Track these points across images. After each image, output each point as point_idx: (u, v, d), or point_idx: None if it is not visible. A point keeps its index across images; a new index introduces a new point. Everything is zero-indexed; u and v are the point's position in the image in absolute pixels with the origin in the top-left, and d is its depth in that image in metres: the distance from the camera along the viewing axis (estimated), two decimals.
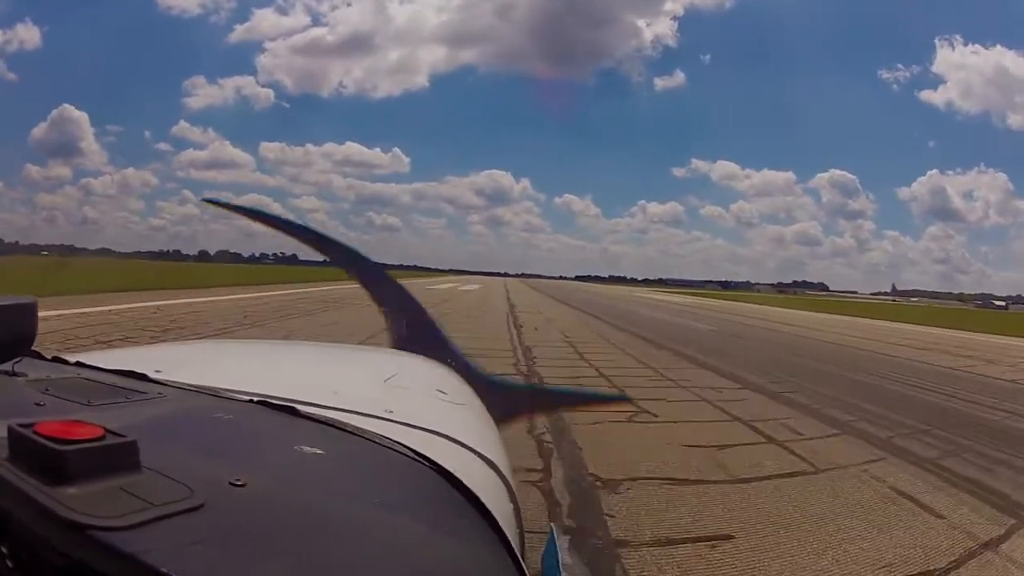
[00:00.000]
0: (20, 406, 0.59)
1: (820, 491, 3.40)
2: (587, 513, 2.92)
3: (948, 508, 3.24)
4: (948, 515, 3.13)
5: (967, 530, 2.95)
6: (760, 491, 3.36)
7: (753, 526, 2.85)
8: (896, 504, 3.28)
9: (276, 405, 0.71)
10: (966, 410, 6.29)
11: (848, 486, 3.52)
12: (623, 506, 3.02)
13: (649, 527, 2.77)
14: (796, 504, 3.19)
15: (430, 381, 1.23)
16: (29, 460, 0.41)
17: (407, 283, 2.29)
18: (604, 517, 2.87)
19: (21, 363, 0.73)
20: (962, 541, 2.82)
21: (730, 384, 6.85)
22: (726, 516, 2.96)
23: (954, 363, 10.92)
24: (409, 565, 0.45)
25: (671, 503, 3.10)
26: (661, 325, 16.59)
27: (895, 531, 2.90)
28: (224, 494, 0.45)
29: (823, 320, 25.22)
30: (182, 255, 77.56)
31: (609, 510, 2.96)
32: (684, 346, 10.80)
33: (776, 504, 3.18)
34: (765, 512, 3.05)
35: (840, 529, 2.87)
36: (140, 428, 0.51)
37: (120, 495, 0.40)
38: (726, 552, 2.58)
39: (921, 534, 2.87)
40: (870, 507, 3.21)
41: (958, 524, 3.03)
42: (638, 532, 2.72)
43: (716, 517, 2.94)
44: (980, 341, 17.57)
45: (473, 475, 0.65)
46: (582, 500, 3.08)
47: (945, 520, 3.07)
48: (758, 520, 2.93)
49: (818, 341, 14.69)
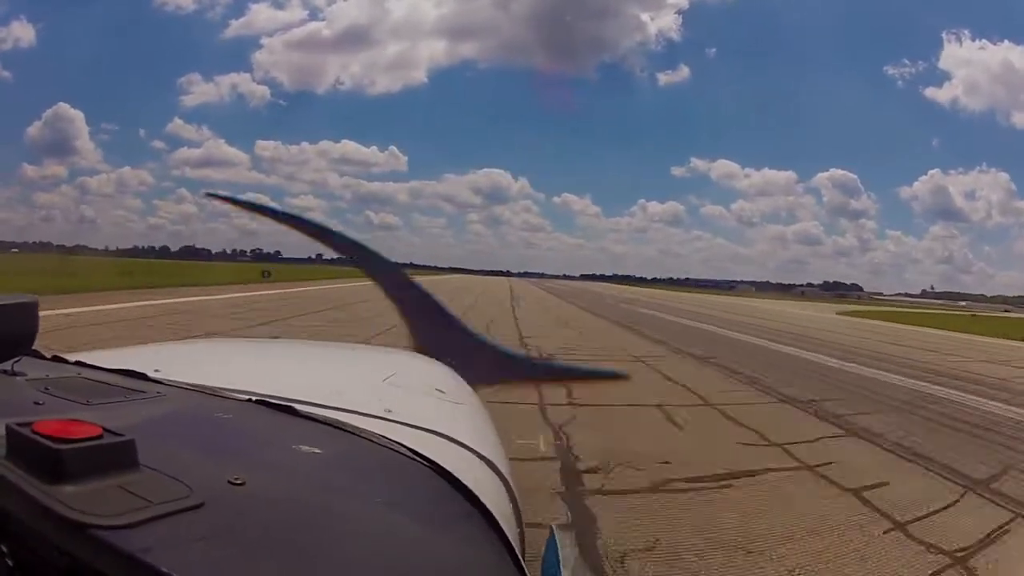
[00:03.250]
0: (19, 405, 0.59)
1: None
2: None
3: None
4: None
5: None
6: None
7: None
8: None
9: (275, 404, 0.71)
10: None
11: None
12: None
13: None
14: None
15: (429, 380, 1.23)
16: (27, 459, 0.41)
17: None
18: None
19: (21, 362, 0.73)
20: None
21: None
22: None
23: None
24: (407, 564, 0.45)
25: None
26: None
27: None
28: (223, 493, 0.45)
29: (962, 342, 17.01)
30: (142, 250, 76.47)
31: None
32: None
33: None
34: None
35: None
36: (139, 427, 0.51)
37: (119, 493, 0.40)
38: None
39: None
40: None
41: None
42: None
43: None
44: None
45: (472, 474, 0.65)
46: None
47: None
48: None
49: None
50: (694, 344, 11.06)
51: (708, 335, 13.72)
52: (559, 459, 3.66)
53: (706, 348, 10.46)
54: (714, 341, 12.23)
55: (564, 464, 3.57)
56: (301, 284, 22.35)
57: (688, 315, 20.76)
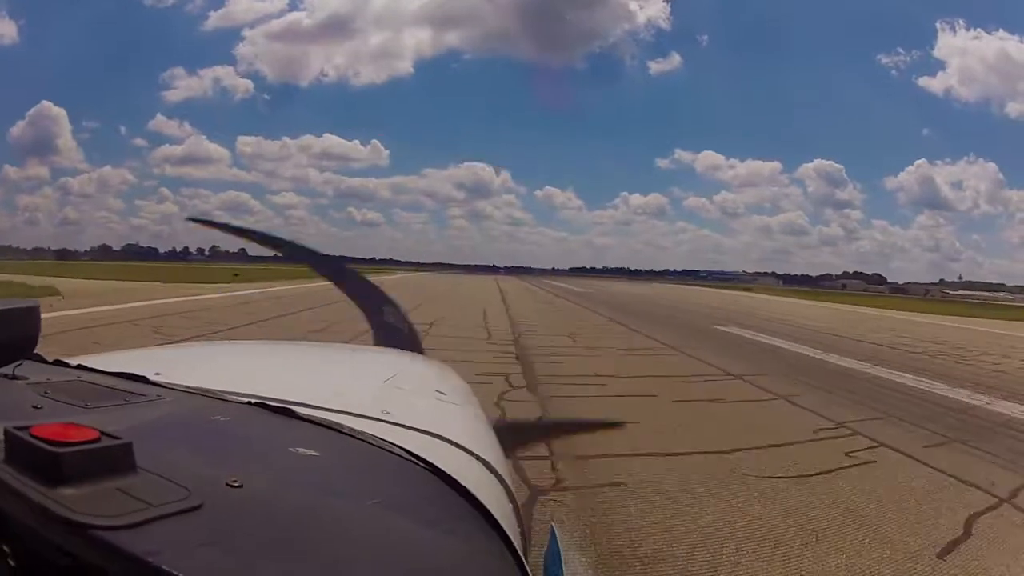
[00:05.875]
0: (18, 409, 0.59)
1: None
2: None
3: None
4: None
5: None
6: None
7: None
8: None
9: (273, 407, 0.71)
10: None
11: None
12: None
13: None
14: None
15: (428, 382, 1.23)
16: (25, 462, 0.41)
17: (380, 279, 2.33)
18: None
19: (22, 366, 0.74)
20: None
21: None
22: None
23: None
24: (406, 566, 0.45)
25: None
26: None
27: None
28: (221, 495, 0.45)
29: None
30: (70, 253, 75.92)
31: None
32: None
33: None
34: None
35: None
36: (137, 430, 0.51)
37: (117, 496, 0.40)
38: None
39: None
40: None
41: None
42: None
43: None
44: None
45: (471, 476, 0.65)
46: None
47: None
48: None
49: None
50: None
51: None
52: None
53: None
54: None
55: None
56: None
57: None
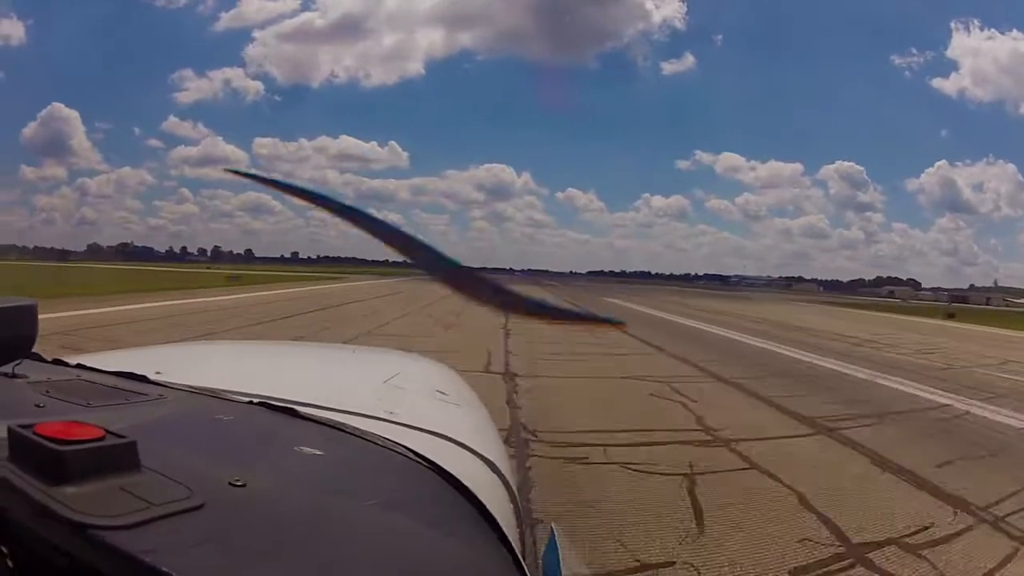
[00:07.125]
0: (20, 408, 0.59)
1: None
2: None
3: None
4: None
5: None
6: None
7: None
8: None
9: (276, 406, 0.71)
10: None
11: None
12: None
13: None
14: None
15: (430, 382, 1.23)
16: (29, 460, 0.41)
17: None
18: None
19: (22, 365, 0.73)
20: None
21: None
22: None
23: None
24: (408, 565, 0.45)
25: None
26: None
27: None
28: (224, 495, 0.45)
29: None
30: (67, 252, 76.44)
31: None
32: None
33: None
34: None
35: None
36: (140, 429, 0.51)
37: (120, 495, 0.40)
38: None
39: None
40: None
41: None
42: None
43: None
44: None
45: (473, 476, 0.65)
46: None
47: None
48: None
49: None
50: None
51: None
52: None
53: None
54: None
55: None
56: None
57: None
